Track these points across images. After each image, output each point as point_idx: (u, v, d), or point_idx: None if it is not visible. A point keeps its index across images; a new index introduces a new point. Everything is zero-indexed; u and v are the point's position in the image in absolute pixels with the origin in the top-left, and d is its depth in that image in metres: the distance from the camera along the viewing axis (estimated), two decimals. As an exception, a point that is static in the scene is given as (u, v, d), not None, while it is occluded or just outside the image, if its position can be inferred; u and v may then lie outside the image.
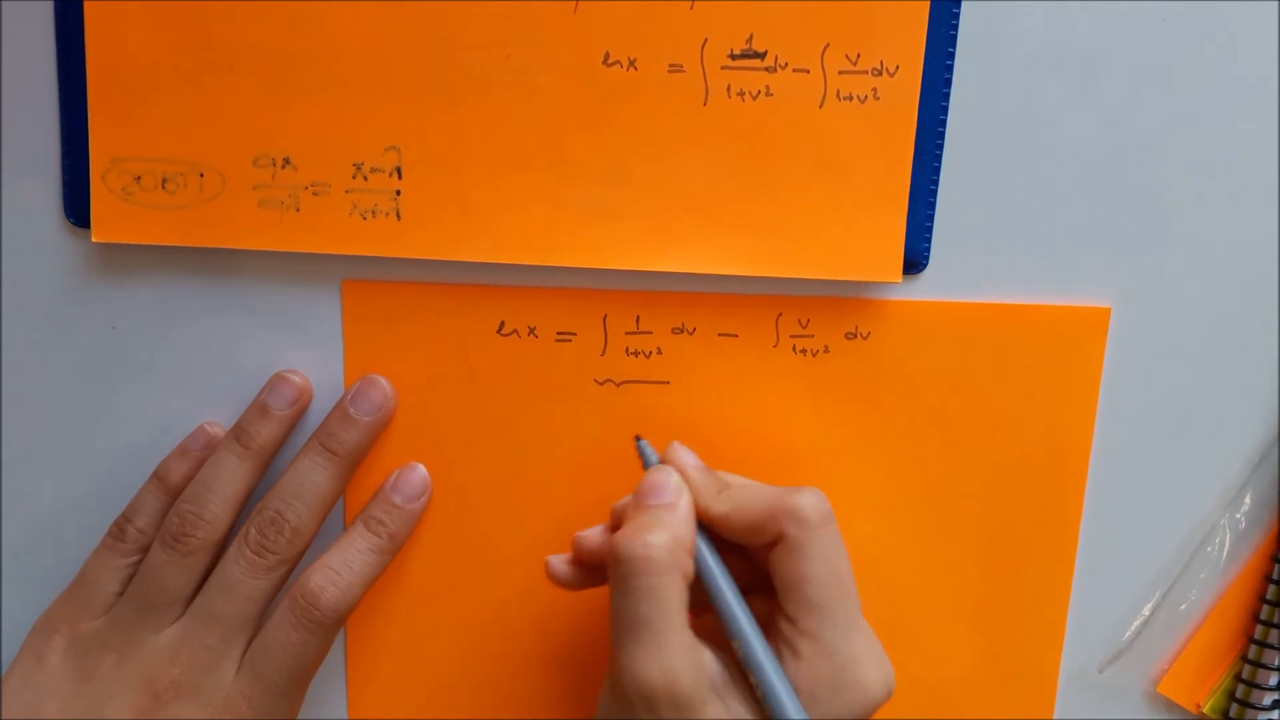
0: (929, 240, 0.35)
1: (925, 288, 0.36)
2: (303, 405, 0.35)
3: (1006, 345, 0.36)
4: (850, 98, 0.33)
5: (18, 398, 0.35)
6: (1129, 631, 0.39)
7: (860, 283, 0.35)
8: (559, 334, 0.35)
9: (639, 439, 0.33)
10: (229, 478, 0.33)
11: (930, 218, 0.35)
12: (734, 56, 0.33)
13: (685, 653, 0.28)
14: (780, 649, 0.30)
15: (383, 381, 0.35)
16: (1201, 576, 0.39)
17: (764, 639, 0.30)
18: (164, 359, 0.35)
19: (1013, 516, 0.37)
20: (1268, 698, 0.38)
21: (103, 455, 0.36)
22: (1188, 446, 0.38)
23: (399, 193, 0.33)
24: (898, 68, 0.33)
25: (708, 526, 0.32)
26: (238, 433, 0.34)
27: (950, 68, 0.34)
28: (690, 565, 0.30)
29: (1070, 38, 0.34)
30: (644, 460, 0.33)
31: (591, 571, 0.32)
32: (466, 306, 0.35)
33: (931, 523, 0.37)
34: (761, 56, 0.33)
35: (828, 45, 0.33)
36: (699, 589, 0.30)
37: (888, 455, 0.37)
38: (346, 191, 0.33)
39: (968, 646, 0.38)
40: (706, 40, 0.33)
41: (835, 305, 0.35)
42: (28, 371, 0.35)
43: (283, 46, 0.32)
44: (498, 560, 0.36)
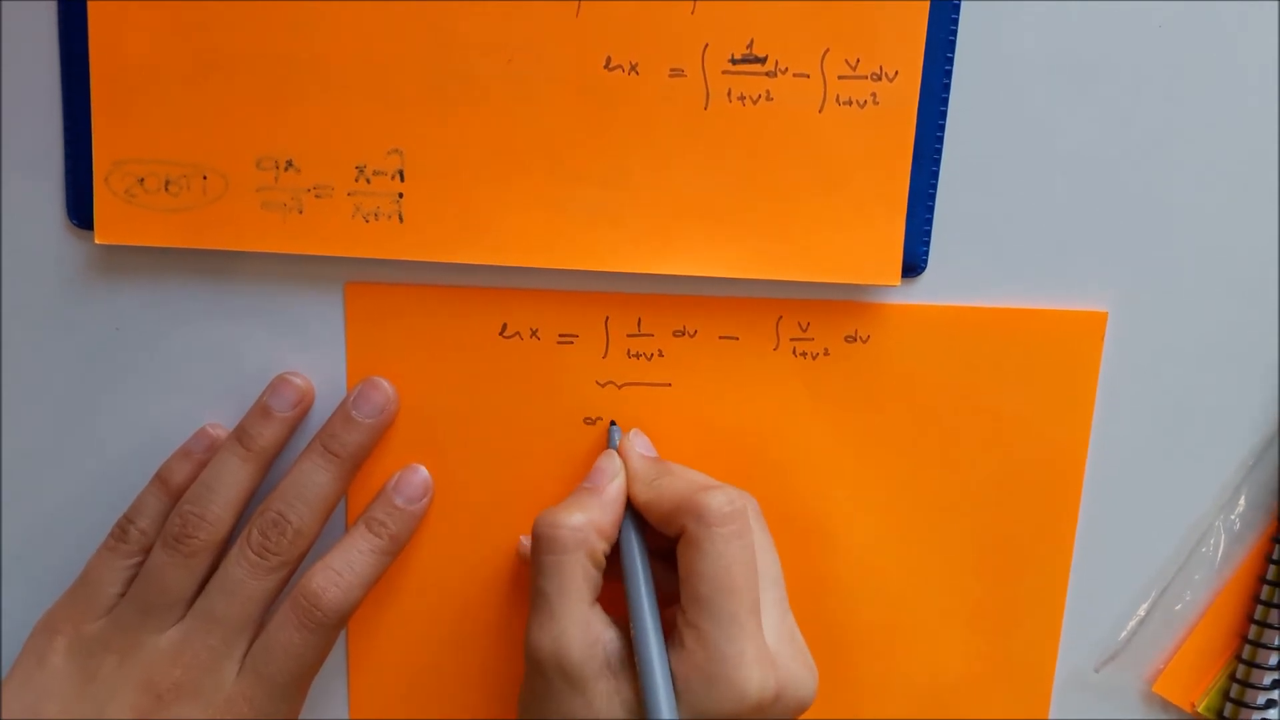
0: (928, 244, 0.35)
1: (924, 291, 0.36)
2: (305, 407, 0.35)
3: (1004, 348, 0.36)
4: (850, 102, 0.33)
5: (20, 398, 0.35)
6: (1124, 632, 0.39)
7: (859, 286, 0.35)
8: (561, 336, 0.35)
9: (612, 424, 0.35)
10: (231, 479, 0.33)
11: (929, 221, 0.35)
12: (735, 61, 0.33)
13: (577, 627, 0.30)
14: (671, 637, 0.31)
15: (385, 383, 0.35)
16: (1196, 577, 0.39)
17: (660, 625, 0.31)
18: (166, 361, 0.35)
19: (1010, 517, 0.37)
20: (1262, 697, 0.39)
21: (104, 456, 0.36)
22: (1183, 449, 0.38)
23: (401, 195, 0.33)
24: (897, 73, 0.33)
25: (641, 513, 0.33)
26: (240, 434, 0.34)
27: (949, 73, 0.34)
28: (602, 547, 0.32)
29: (1068, 43, 0.34)
30: (608, 444, 0.35)
31: None
32: (469, 309, 0.35)
33: (929, 523, 0.37)
34: (762, 61, 0.33)
35: (827, 50, 0.33)
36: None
37: (887, 457, 0.37)
38: (349, 194, 0.33)
39: (964, 647, 0.38)
40: (707, 45, 0.33)
41: (835, 308, 0.36)
42: (30, 372, 0.35)
43: (286, 49, 0.32)
44: (499, 561, 0.37)
